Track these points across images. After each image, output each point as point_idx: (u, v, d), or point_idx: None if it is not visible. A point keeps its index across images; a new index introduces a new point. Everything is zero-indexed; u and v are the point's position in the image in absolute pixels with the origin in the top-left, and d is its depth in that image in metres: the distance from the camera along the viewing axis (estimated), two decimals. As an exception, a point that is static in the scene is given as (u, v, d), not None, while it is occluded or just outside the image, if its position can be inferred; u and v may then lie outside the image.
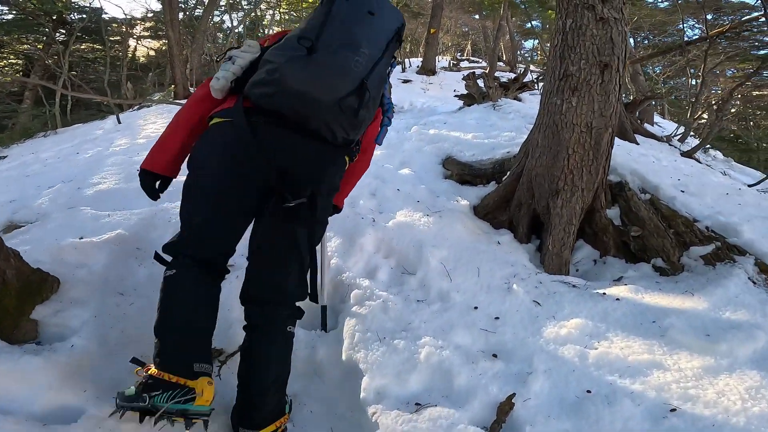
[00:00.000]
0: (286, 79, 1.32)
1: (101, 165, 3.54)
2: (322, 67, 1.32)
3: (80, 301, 1.81)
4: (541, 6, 14.44)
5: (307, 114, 1.38)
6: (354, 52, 1.35)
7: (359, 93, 1.36)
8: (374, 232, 2.31)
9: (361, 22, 1.40)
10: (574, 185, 2.50)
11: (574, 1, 2.48)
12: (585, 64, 2.43)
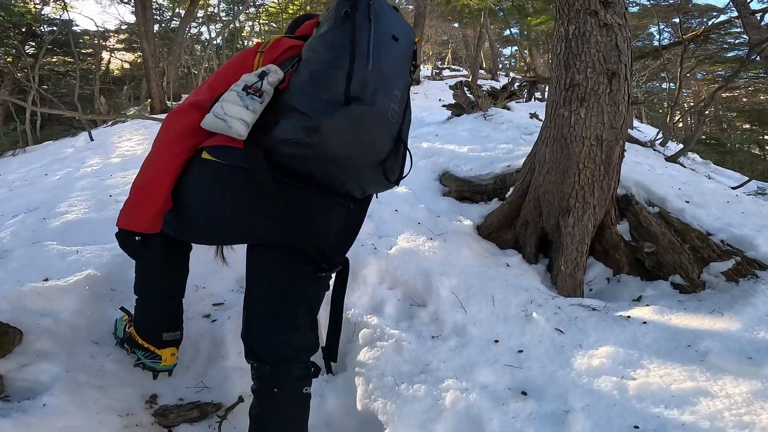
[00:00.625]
0: (329, 145, 1.10)
1: (70, 190, 3.24)
2: (364, 125, 1.12)
3: (48, 353, 1.58)
4: (519, 13, 14.63)
5: (344, 179, 1.22)
6: (389, 97, 1.15)
7: (396, 150, 1.21)
8: (377, 262, 2.13)
9: (388, 53, 1.18)
10: (586, 202, 2.37)
11: (575, 6, 2.38)
12: (592, 73, 2.32)
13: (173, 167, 1.26)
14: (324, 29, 1.19)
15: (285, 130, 1.12)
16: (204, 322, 1.94)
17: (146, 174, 1.30)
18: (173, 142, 1.27)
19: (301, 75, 1.16)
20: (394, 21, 1.24)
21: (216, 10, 16.58)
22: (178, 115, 1.30)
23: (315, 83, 1.12)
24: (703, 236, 2.48)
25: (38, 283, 1.81)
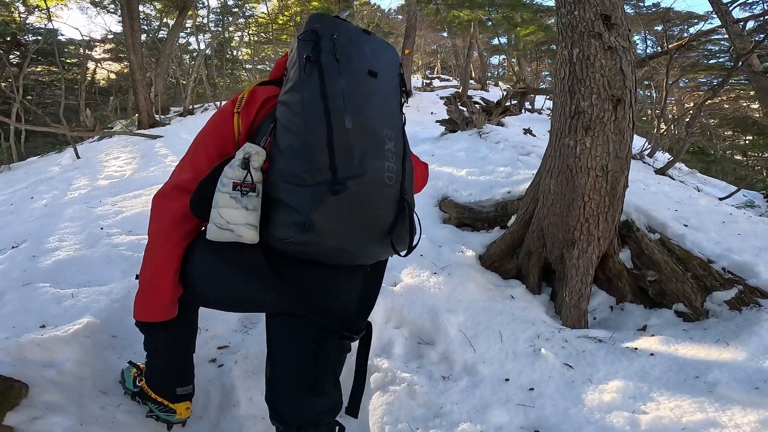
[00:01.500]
0: (325, 239, 1.04)
1: (58, 219, 3.15)
2: (360, 203, 1.04)
3: (57, 406, 1.53)
4: (508, 23, 14.80)
5: (350, 258, 1.18)
6: (381, 156, 1.07)
7: (401, 215, 1.13)
8: (383, 301, 2.09)
9: (369, 97, 1.09)
10: (591, 234, 2.36)
11: (578, 28, 2.35)
12: (597, 99, 2.29)
13: (173, 258, 1.24)
14: (292, 79, 1.09)
15: (278, 229, 1.05)
16: (211, 367, 1.89)
17: (149, 270, 1.27)
18: (168, 233, 1.23)
19: (280, 148, 1.07)
20: (367, 49, 1.13)
21: (205, 21, 16.48)
22: (166, 200, 1.24)
23: (295, 163, 1.03)
24: (705, 264, 2.50)
25: (37, 334, 1.74)
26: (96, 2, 15.55)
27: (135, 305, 1.31)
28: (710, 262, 2.51)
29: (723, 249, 2.59)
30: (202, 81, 13.75)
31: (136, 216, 3.09)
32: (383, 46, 1.20)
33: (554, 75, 2.62)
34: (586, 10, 2.34)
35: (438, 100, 13.33)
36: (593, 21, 2.33)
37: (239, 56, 20.18)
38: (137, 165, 5.47)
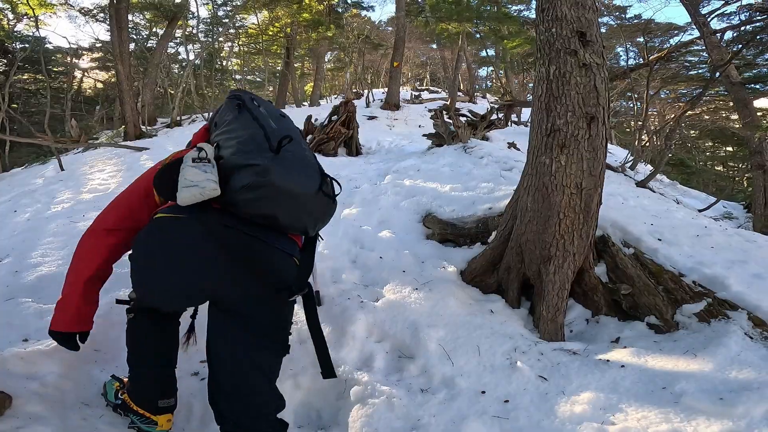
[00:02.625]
0: (279, 181, 1.31)
1: (41, 234, 3.13)
2: (294, 164, 1.37)
3: (40, 416, 1.57)
4: (495, 35, 15.04)
5: (300, 212, 1.42)
6: (299, 144, 1.46)
7: (323, 180, 1.45)
8: (364, 316, 2.14)
9: (280, 120, 1.54)
10: (566, 251, 2.43)
11: (555, 45, 2.43)
12: (572, 117, 2.36)
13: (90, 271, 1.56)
14: (229, 120, 1.50)
15: (241, 179, 1.32)
16: (193, 380, 1.92)
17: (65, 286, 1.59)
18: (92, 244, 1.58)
19: (231, 147, 1.41)
20: (272, 109, 1.60)
21: (195, 31, 16.48)
22: (90, 236, 1.59)
23: (247, 146, 1.38)
24: (676, 278, 2.58)
25: (20, 348, 1.78)
26: (85, 11, 15.46)
27: (53, 319, 1.57)
28: (681, 275, 2.59)
29: (694, 262, 2.67)
30: (190, 91, 13.72)
31: (120, 232, 3.08)
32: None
33: (533, 93, 2.70)
34: (563, 27, 2.42)
35: (426, 112, 13.42)
36: (569, 38, 2.40)
37: (229, 66, 20.20)
38: (122, 178, 5.39)
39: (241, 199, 1.33)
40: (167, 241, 1.35)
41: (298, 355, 1.94)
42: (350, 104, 6.55)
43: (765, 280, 2.62)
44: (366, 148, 7.29)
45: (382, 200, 3.91)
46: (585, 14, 2.44)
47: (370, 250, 2.98)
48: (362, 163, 6.06)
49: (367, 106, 13.84)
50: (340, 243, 3.05)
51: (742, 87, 8.62)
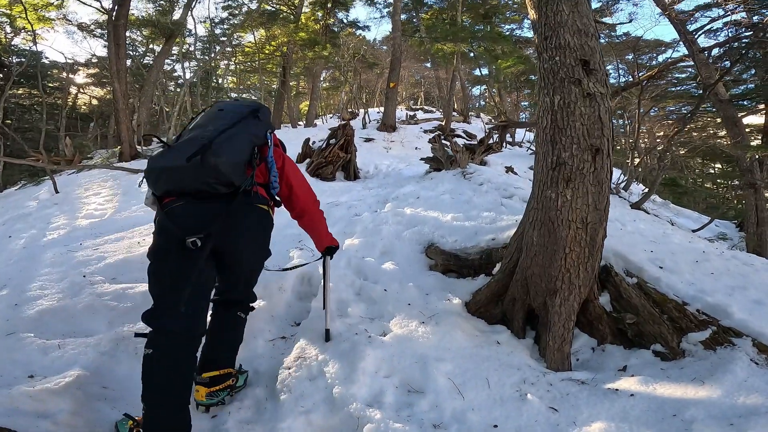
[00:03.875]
0: (153, 164, 1.86)
1: (38, 263, 3.10)
2: (174, 149, 1.83)
3: None
4: (489, 54, 15.29)
5: (176, 179, 1.81)
6: (201, 131, 1.88)
7: (202, 150, 1.75)
8: (373, 352, 2.12)
9: (212, 115, 2.01)
10: (572, 283, 2.44)
11: (559, 74, 2.43)
12: (577, 150, 2.36)
13: None
14: None
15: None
16: (204, 417, 1.90)
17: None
18: None
19: None
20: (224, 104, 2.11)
21: (192, 48, 16.60)
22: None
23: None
24: (679, 307, 2.59)
25: (27, 386, 1.76)
26: (83, 26, 15.49)
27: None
28: (685, 304, 2.61)
29: (696, 291, 2.70)
30: (186, 109, 13.74)
31: (119, 263, 3.05)
32: (243, 105, 2.11)
33: (537, 124, 2.71)
34: (567, 56, 2.43)
35: (422, 134, 13.51)
36: (573, 66, 2.41)
37: (224, 84, 20.31)
38: (118, 203, 5.35)
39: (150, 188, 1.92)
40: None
41: (309, 392, 1.92)
42: (348, 127, 6.59)
43: (765, 305, 2.66)
44: (364, 171, 7.30)
45: (383, 230, 3.90)
46: (588, 42, 2.47)
47: (374, 282, 2.98)
48: (361, 188, 6.06)
49: (363, 128, 13.91)
50: (344, 275, 3.04)
51: (731, 104, 8.78)
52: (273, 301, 2.72)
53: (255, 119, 2.03)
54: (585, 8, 2.54)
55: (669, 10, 8.57)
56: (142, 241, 3.47)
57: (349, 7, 18.35)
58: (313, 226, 2.29)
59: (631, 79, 17.34)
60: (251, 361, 2.25)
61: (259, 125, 2.04)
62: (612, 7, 13.72)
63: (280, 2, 17.62)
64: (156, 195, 1.90)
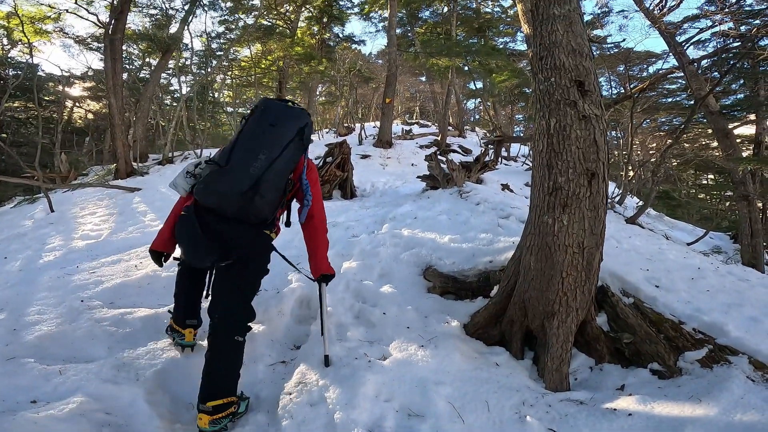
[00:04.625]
0: (209, 185, 2.04)
1: (34, 287, 3.09)
2: (230, 174, 2.00)
3: None
4: (483, 68, 15.47)
5: (223, 205, 2.04)
6: (254, 157, 2.03)
7: (254, 189, 1.99)
8: (373, 376, 2.13)
9: (263, 133, 2.10)
10: (569, 306, 2.46)
11: (555, 96, 2.45)
12: (573, 174, 2.38)
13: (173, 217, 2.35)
14: None
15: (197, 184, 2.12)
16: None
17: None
18: (176, 207, 2.39)
19: (214, 158, 2.19)
20: (273, 115, 2.16)
21: (188, 62, 16.66)
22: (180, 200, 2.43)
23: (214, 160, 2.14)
24: (676, 326, 2.63)
25: (32, 412, 1.76)
26: (79, 39, 15.51)
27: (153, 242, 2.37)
28: (681, 323, 2.64)
29: (693, 309, 2.74)
30: (182, 125, 13.75)
31: (117, 287, 3.05)
32: (292, 116, 2.19)
33: (533, 146, 2.73)
34: (562, 77, 2.46)
35: (418, 149, 13.54)
36: (568, 88, 2.43)
37: (221, 99, 20.39)
38: (114, 223, 5.34)
39: (196, 195, 2.11)
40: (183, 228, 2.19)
41: (310, 417, 1.92)
42: (345, 145, 6.61)
43: (762, 323, 2.70)
44: (361, 190, 7.31)
45: (381, 252, 3.90)
46: (582, 62, 2.50)
47: (372, 305, 2.98)
48: (358, 207, 6.06)
49: (359, 144, 13.96)
50: (342, 298, 3.05)
51: (721, 116, 8.90)
52: (272, 325, 2.72)
53: (300, 141, 2.17)
54: (579, 28, 2.57)
55: (659, 22, 8.72)
56: (139, 264, 3.47)
57: (345, 21, 18.60)
58: (317, 243, 2.35)
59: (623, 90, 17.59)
60: (252, 386, 2.25)
61: (299, 150, 2.19)
62: (603, 19, 13.93)
63: (276, 17, 17.81)
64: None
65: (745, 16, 9.25)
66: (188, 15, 13.84)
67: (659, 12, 8.80)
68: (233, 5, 15.61)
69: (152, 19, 14.68)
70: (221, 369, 1.99)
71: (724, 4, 9.40)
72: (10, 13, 11.46)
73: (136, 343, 2.43)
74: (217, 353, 2.01)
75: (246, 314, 2.14)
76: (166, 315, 2.69)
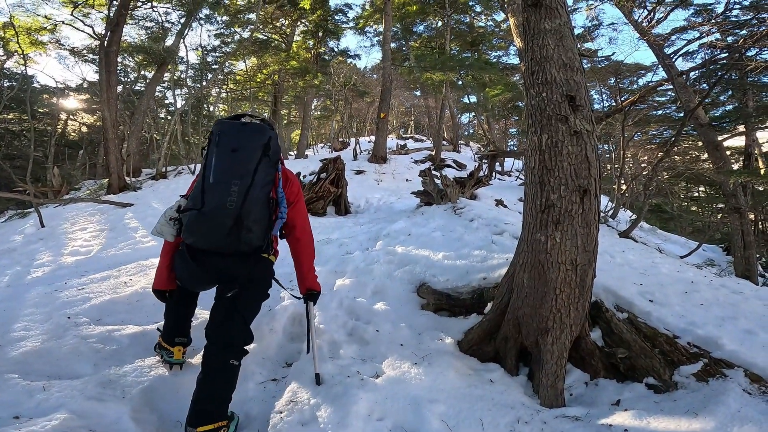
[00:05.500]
0: (196, 235, 2.02)
1: (21, 303, 3.03)
2: (209, 216, 1.98)
3: None
4: (476, 82, 15.64)
5: (214, 246, 2.03)
6: (227, 192, 1.98)
7: (237, 225, 1.98)
8: (365, 395, 2.09)
9: (227, 162, 2.03)
10: (563, 323, 2.44)
11: (546, 111, 2.46)
12: (565, 191, 2.38)
13: (168, 254, 2.32)
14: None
15: (183, 228, 2.09)
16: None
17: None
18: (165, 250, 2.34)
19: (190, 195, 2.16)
20: (234, 139, 2.07)
21: (184, 75, 16.71)
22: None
23: (190, 200, 2.09)
24: (670, 340, 2.61)
25: (14, 428, 1.72)
26: (75, 50, 15.50)
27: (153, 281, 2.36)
28: (675, 337, 2.63)
29: (687, 323, 2.72)
30: (176, 139, 13.71)
31: (105, 304, 3.00)
32: (252, 132, 2.11)
33: (526, 161, 2.74)
34: (553, 92, 2.46)
35: (413, 165, 13.58)
36: (560, 103, 2.44)
37: (215, 112, 20.43)
38: (105, 239, 5.28)
39: (185, 238, 2.09)
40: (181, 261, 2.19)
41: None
42: (339, 161, 6.62)
43: (756, 335, 2.68)
44: (355, 206, 7.29)
45: (375, 269, 3.88)
46: (573, 76, 2.51)
47: (366, 322, 2.95)
48: (352, 224, 6.04)
49: (354, 159, 13.99)
50: (335, 315, 3.02)
51: (711, 128, 8.99)
52: (264, 342, 2.68)
53: (266, 158, 2.10)
54: (569, 42, 2.59)
55: (647, 34, 8.85)
56: (128, 281, 3.42)
57: (340, 36, 18.77)
58: (300, 254, 2.36)
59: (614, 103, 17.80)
60: (242, 404, 2.20)
61: (270, 167, 2.13)
62: (593, 33, 14.16)
63: (272, 31, 17.97)
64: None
65: (731, 27, 9.40)
66: (184, 28, 13.94)
67: (648, 24, 8.94)
68: (229, 19, 15.74)
69: (148, 31, 14.75)
70: (214, 393, 1.94)
71: (711, 15, 9.57)
72: (6, 23, 11.40)
73: (123, 360, 2.38)
74: (211, 377, 1.96)
75: (244, 338, 2.11)
76: (154, 333, 2.64)
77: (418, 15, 17.05)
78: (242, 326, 2.11)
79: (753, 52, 8.58)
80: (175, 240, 2.22)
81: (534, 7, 2.63)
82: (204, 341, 2.10)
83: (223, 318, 2.08)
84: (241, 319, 2.10)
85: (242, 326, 2.11)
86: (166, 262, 2.30)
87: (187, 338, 2.44)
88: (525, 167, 2.83)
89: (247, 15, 16.13)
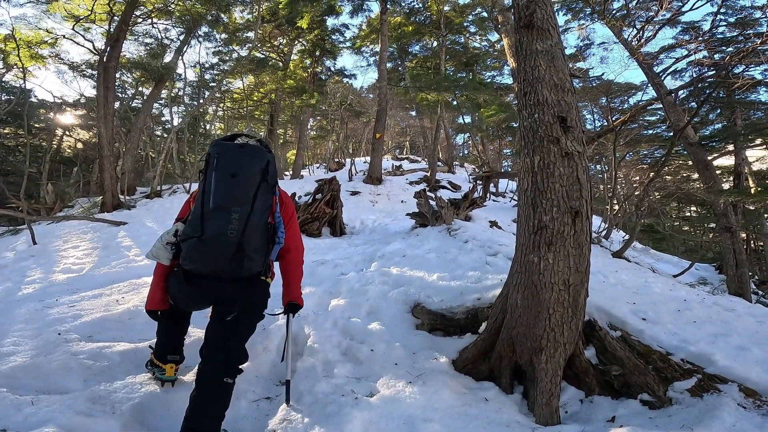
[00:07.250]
0: (197, 262, 2.03)
1: (11, 319, 3.00)
2: (210, 245, 1.98)
3: None
4: (471, 102, 15.85)
5: (215, 274, 2.04)
6: (227, 220, 1.98)
7: (239, 252, 1.99)
8: (360, 414, 2.07)
9: (227, 187, 2.02)
10: (557, 342, 2.45)
11: (539, 133, 2.49)
12: (557, 213, 2.41)
13: (162, 276, 2.29)
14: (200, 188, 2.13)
15: (182, 255, 2.08)
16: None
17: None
18: (158, 272, 2.31)
19: (188, 220, 2.14)
20: (235, 163, 2.06)
21: (181, 93, 16.81)
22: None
23: (188, 225, 2.08)
24: (664, 357, 2.62)
25: None
26: (74, 65, 15.55)
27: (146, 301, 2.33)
28: (669, 354, 2.64)
29: (679, 341, 2.75)
30: (171, 157, 13.68)
31: (96, 321, 2.98)
32: (251, 156, 2.12)
33: (519, 183, 2.78)
34: (545, 113, 2.50)
35: (408, 186, 13.65)
36: (551, 124, 2.48)
37: (212, 131, 20.51)
38: (97, 258, 5.25)
39: (185, 266, 2.08)
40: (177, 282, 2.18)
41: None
42: (334, 182, 6.65)
43: (749, 351, 2.70)
44: (350, 227, 7.31)
45: (370, 290, 3.89)
46: (564, 97, 2.55)
47: (360, 342, 2.95)
48: (347, 245, 6.05)
49: (349, 180, 14.08)
50: (330, 335, 3.02)
51: (701, 147, 9.09)
52: (258, 361, 2.66)
53: (265, 183, 2.11)
54: (560, 62, 2.64)
55: (637, 53, 9.02)
56: (120, 299, 3.40)
57: (337, 55, 19.08)
58: (290, 275, 2.40)
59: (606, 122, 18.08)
60: (235, 422, 2.18)
61: (268, 193, 2.14)
62: (584, 52, 14.44)
63: (269, 50, 18.22)
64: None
65: (718, 44, 9.59)
66: (183, 45, 14.07)
67: (637, 43, 9.13)
68: (228, 37, 15.93)
69: (147, 47, 14.87)
70: (208, 410, 1.93)
71: (698, 33, 9.79)
72: (8, 35, 11.40)
73: (114, 376, 2.36)
74: (205, 394, 1.95)
75: (240, 357, 2.11)
76: (146, 350, 2.62)
77: (414, 35, 17.40)
78: (238, 345, 2.11)
79: (740, 69, 8.76)
80: (170, 263, 2.22)
81: (526, 28, 2.69)
82: (196, 359, 2.09)
83: (220, 339, 2.07)
84: (236, 339, 2.10)
85: (238, 345, 2.11)
86: (159, 282, 2.28)
87: (180, 356, 2.43)
88: (518, 189, 2.86)
89: (246, 33, 16.36)
